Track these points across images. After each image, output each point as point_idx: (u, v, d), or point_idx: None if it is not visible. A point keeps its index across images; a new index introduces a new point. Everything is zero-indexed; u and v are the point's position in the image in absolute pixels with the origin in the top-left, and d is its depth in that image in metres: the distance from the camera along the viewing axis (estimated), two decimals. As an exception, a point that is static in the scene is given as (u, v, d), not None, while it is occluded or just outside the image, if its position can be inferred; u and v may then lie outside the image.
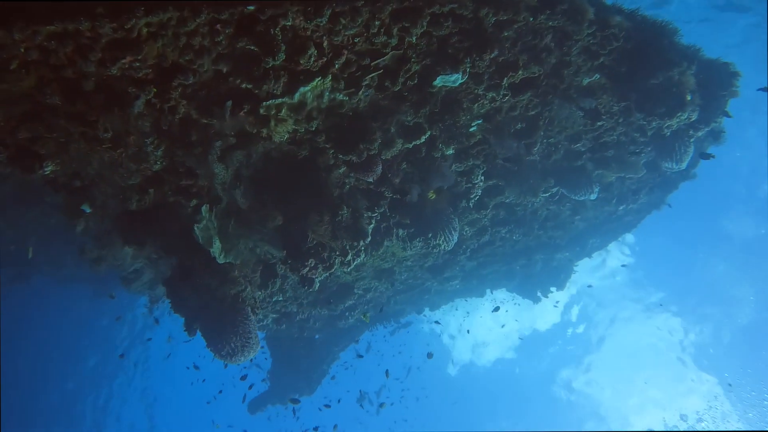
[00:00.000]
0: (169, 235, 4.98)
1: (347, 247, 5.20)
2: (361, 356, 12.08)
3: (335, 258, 5.14)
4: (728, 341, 24.07)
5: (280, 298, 8.20)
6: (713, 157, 6.43)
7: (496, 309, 13.29)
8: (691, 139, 6.08)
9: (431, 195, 5.57)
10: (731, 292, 22.25)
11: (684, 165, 6.29)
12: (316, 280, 5.28)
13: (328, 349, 11.19)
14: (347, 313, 9.61)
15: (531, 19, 4.45)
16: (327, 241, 5.00)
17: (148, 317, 20.23)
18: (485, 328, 26.86)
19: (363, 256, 5.47)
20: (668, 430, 26.66)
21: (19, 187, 9.81)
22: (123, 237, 4.99)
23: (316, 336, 11.03)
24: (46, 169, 3.99)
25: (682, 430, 26.22)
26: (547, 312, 26.74)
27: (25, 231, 11.98)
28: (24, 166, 3.89)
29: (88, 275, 14.60)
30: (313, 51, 3.95)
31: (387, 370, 10.69)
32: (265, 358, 11.82)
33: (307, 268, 5.06)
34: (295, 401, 9.40)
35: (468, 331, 19.17)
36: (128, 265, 5.98)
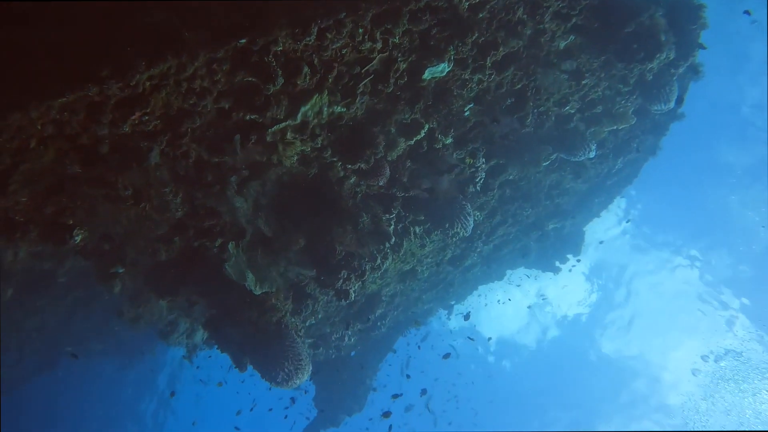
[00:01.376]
0: (200, 278, 5.06)
1: (375, 252, 5.30)
2: (419, 347, 12.11)
3: (366, 265, 5.24)
4: (749, 275, 23.95)
5: (313, 322, 8.25)
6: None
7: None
8: (674, 77, 6.28)
9: (469, 161, 5.66)
10: (746, 222, 22.10)
11: (672, 104, 6.48)
12: (351, 290, 5.36)
13: (367, 362, 11.21)
14: (379, 323, 9.66)
15: (501, -4, 4.64)
16: (355, 249, 5.09)
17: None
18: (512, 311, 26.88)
19: (390, 258, 5.57)
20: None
21: (28, 275, 9.83)
22: (156, 290, 5.07)
23: (352, 353, 11.06)
24: (76, 238, 4.08)
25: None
26: (568, 290, 26.75)
27: (42, 316, 11.94)
28: (55, 239, 3.98)
29: (113, 348, 14.56)
30: (306, 70, 4.10)
31: (449, 354, 10.70)
32: (310, 380, 11.80)
33: (341, 281, 5.14)
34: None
35: (509, 299, 19.18)
36: (164, 317, 6.05)
